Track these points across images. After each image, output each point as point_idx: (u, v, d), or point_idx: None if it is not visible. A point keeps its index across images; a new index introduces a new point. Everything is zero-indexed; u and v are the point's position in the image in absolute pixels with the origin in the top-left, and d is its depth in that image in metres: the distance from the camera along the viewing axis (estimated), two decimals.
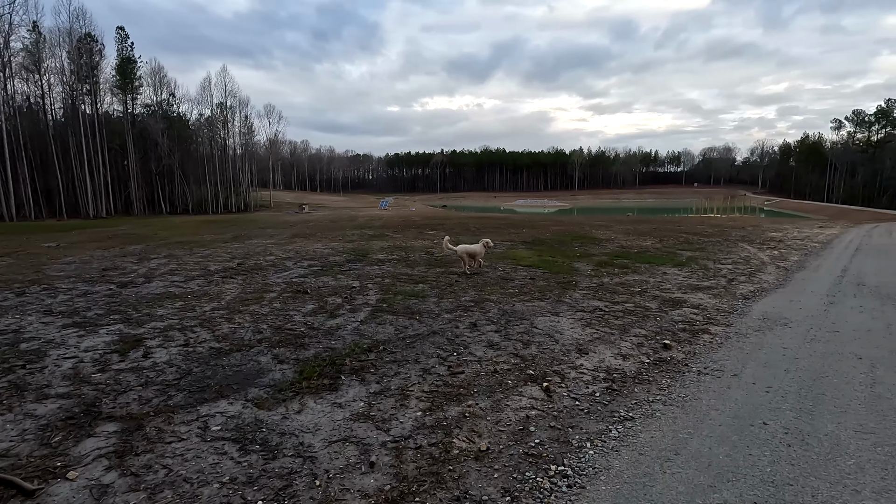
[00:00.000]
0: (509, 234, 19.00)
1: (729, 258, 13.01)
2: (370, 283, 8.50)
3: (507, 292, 7.83)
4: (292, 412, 3.40)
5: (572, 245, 15.47)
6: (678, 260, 12.35)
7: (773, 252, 14.94)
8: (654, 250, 14.53)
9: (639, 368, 4.41)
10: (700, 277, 9.88)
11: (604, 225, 25.46)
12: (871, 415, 3.36)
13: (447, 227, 22.85)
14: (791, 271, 10.86)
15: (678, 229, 23.49)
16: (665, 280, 9.50)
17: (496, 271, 10.07)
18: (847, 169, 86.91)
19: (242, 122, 77.38)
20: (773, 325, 5.83)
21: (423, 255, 12.52)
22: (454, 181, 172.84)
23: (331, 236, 18.94)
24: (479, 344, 5.04)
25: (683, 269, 11.02)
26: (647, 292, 8.14)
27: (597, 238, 17.82)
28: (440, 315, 6.21)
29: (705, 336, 5.47)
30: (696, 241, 17.68)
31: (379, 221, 29.87)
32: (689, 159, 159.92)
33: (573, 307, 6.84)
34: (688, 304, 7.27)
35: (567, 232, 20.21)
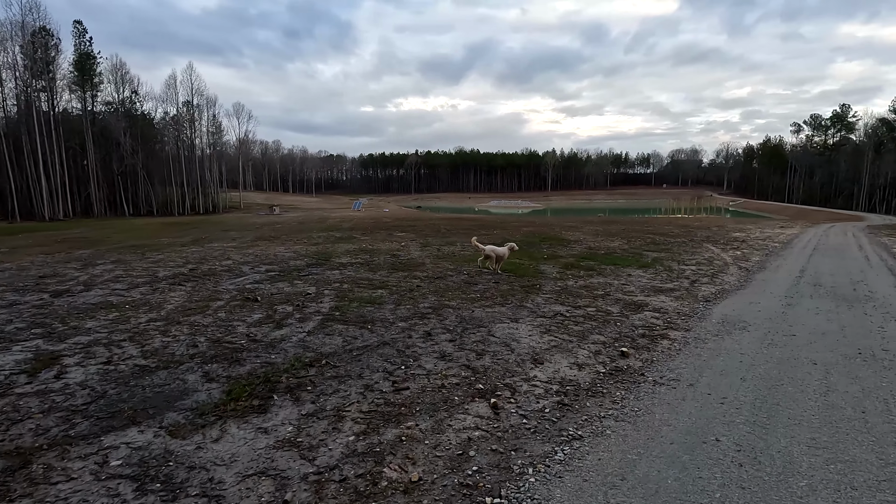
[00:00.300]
0: (480, 236, 18.81)
1: (693, 259, 13.13)
2: (327, 289, 8.13)
3: (469, 297, 7.59)
4: (209, 440, 3.05)
5: (541, 246, 15.38)
6: (643, 261, 12.38)
7: (736, 252, 15.19)
8: (620, 251, 14.57)
9: (594, 379, 4.22)
10: (664, 279, 9.87)
11: (574, 226, 25.61)
12: (825, 427, 3.24)
13: (418, 229, 22.54)
14: (752, 272, 10.98)
15: (646, 230, 23.79)
16: (629, 282, 9.44)
17: (460, 275, 9.83)
18: (806, 171, 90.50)
19: (210, 121, 75.06)
20: (732, 329, 5.76)
21: (388, 259, 12.19)
22: (429, 182, 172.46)
23: (296, 239, 18.36)
24: (431, 355, 4.77)
25: (648, 270, 11.02)
26: (610, 295, 8.03)
27: (566, 239, 17.83)
28: (394, 324, 5.91)
29: (664, 342, 5.35)
30: (663, 241, 17.88)
31: (349, 223, 29.32)
32: (658, 161, 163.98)
33: (534, 313, 6.64)
34: (649, 307, 7.18)
35: (537, 233, 20.18)
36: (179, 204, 64.41)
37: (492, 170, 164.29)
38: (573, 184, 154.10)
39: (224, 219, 43.89)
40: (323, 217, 42.90)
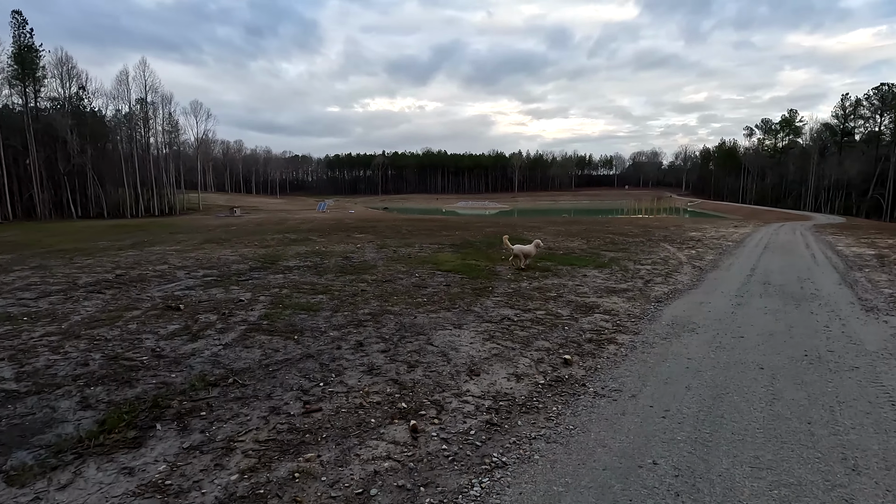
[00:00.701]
0: (441, 237, 18.43)
1: (649, 258, 13.13)
2: (263, 295, 7.53)
3: (415, 301, 7.16)
4: (54, 487, 2.49)
5: (500, 247, 15.12)
6: (600, 261, 12.27)
7: (691, 252, 15.36)
8: (579, 251, 14.47)
9: (531, 392, 3.86)
10: (618, 279, 9.72)
11: (536, 226, 25.59)
12: (769, 443, 2.97)
13: (378, 231, 21.96)
14: (705, 271, 11.00)
15: (606, 230, 23.98)
16: (584, 283, 9.23)
17: (411, 277, 9.39)
18: (758, 173, 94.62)
19: (166, 119, 71.81)
20: (681, 332, 5.54)
21: (340, 261, 11.61)
22: (396, 183, 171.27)
23: (248, 241, 17.48)
24: (357, 369, 4.30)
25: (604, 270, 10.88)
26: (563, 297, 7.77)
27: (526, 239, 17.65)
28: (326, 333, 5.41)
29: (611, 347, 5.06)
30: (621, 241, 17.96)
31: (309, 225, 28.41)
32: (620, 163, 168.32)
33: (480, 317, 6.27)
34: (601, 309, 6.94)
35: (499, 234, 19.91)
36: (133, 206, 61.25)
37: (459, 171, 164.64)
38: (539, 185, 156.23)
39: (178, 221, 41.89)
40: (284, 219, 41.60)
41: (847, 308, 6.81)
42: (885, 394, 3.68)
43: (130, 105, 63.35)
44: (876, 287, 8.90)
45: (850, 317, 6.24)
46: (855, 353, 4.67)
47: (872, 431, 3.07)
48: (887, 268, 11.89)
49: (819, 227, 31.72)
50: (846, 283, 9.25)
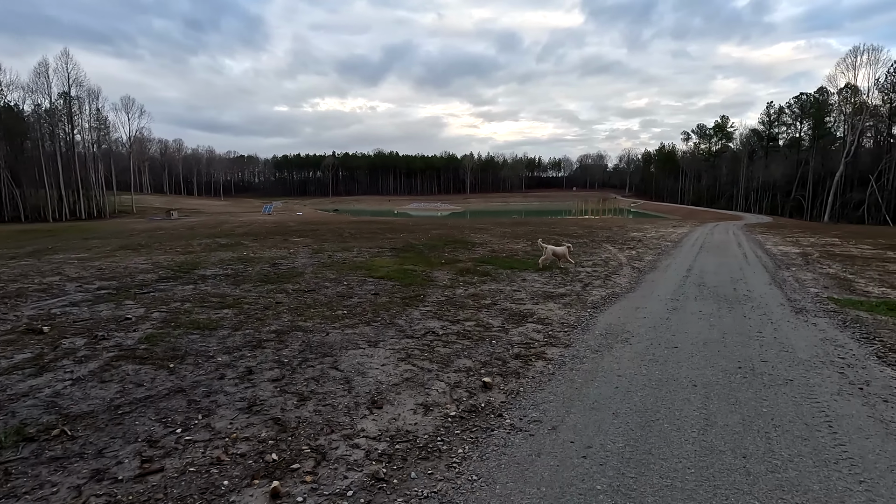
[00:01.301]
0: (383, 240, 17.66)
1: (590, 260, 13.00)
2: (158, 311, 6.54)
3: (334, 315, 6.43)
4: None
5: (443, 250, 14.58)
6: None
7: (632, 252, 15.47)
8: (522, 254, 14.17)
9: (438, 428, 3.26)
10: (557, 283, 9.40)
11: (484, 228, 25.32)
12: (702, 487, 2.52)
13: (319, 234, 20.88)
14: (644, 272, 10.93)
15: (553, 231, 24.06)
16: (522, 288, 8.82)
17: (339, 286, 8.63)
18: (694, 175, 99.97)
19: (93, 115, 66.44)
20: (614, 343, 5.15)
21: (265, 269, 10.64)
22: (347, 184, 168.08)
23: (170, 247, 16.00)
24: (234, 406, 3.55)
25: (545, 273, 10.55)
26: (497, 304, 7.28)
27: (471, 242, 17.23)
28: (213, 358, 4.59)
29: (538, 364, 4.57)
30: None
31: (246, 228, 26.79)
32: (568, 165, 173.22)
33: (402, 332, 5.64)
34: (534, 317, 6.49)
35: (444, 236, 19.45)
36: (56, 209, 56.17)
37: (411, 172, 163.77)
38: (491, 186, 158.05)
39: (101, 225, 38.61)
40: (223, 222, 39.29)
41: (778, 310, 6.73)
42: (821, 412, 3.37)
43: (52, 100, 58.08)
44: (803, 286, 9.04)
45: (781, 320, 6.11)
46: (788, 362, 4.42)
47: (812, 464, 2.70)
48: (811, 266, 12.33)
49: (749, 226, 33.49)
50: (776, 282, 9.37)
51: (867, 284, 9.38)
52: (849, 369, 4.25)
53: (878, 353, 4.73)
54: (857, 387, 3.81)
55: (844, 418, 3.26)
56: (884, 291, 8.64)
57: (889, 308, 6.99)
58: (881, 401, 3.60)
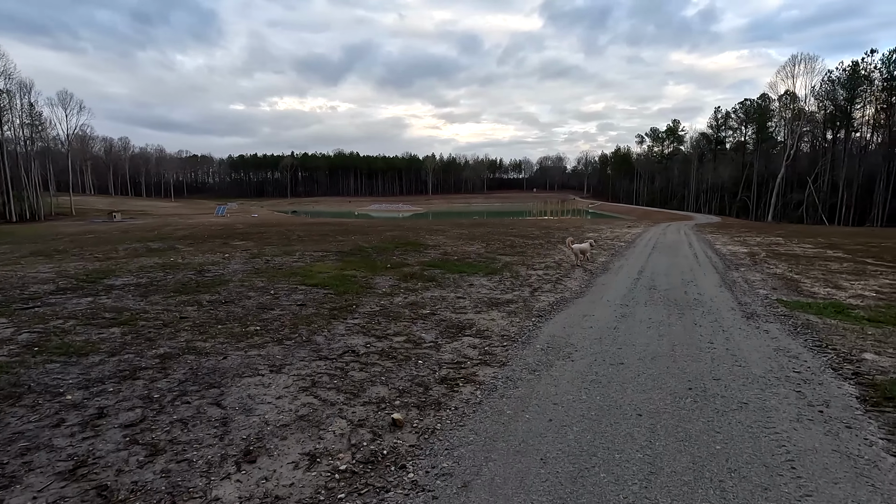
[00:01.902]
0: (332, 243, 16.70)
1: (543, 262, 12.58)
2: (29, 332, 5.49)
3: (244, 332, 5.57)
4: None
5: (392, 253, 13.82)
6: (493, 267, 11.43)
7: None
8: (475, 256, 13.61)
9: (318, 490, 2.54)
10: (506, 288, 8.85)
11: (441, 229, 24.71)
12: None
13: (265, 237, 19.63)
14: (595, 275, 10.56)
15: (510, 232, 23.73)
16: (468, 294, 8.21)
17: (264, 296, 7.74)
18: (648, 176, 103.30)
19: (26, 110, 61.53)
20: (555, 360, 4.58)
21: (188, 276, 9.57)
22: (307, 185, 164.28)
23: (89, 253, 14.47)
24: (52, 469, 2.70)
25: (494, 277, 10.00)
26: (436, 315, 6.61)
27: (424, 244, 16.55)
28: (61, 396, 3.68)
29: (466, 390, 3.92)
30: (521, 244, 17.54)
31: (187, 231, 25.07)
32: (528, 167, 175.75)
33: (317, 352, 4.87)
34: (474, 329, 5.86)
35: (398, 238, 18.68)
36: None
37: (372, 173, 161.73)
38: (453, 188, 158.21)
39: (27, 229, 35.49)
40: (166, 224, 36.99)
41: (729, 316, 6.38)
42: (781, 447, 2.88)
43: None
44: (752, 288, 8.86)
45: (732, 327, 5.74)
46: (742, 380, 3.97)
47: None
48: (759, 266, 12.37)
49: (700, 226, 34.46)
50: (725, 284, 9.16)
51: (813, 285, 9.32)
52: (806, 386, 3.82)
53: (832, 365, 4.36)
54: (817, 409, 3.37)
55: (808, 454, 2.77)
56: (829, 292, 8.56)
57: (836, 310, 6.79)
58: (844, 427, 3.15)
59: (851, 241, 20.99)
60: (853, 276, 10.49)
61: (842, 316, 6.40)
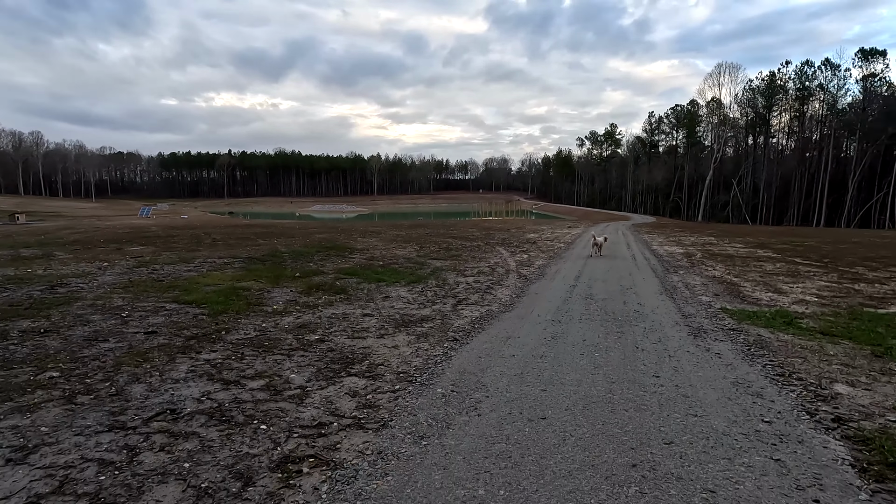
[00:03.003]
0: (246, 248, 14.77)
1: (477, 267, 11.47)
2: None
3: (27, 381, 3.93)
4: None
5: (311, 259, 12.21)
6: (419, 274, 10.17)
7: (524, 256, 14.32)
8: (403, 261, 12.29)
9: None
10: (426, 300, 7.60)
11: (377, 231, 23.20)
12: None
13: (172, 241, 17.26)
14: (530, 281, 9.55)
15: (449, 233, 22.62)
16: (378, 310, 6.87)
17: (111, 319, 6.01)
18: (588, 178, 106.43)
19: None
20: (455, 416, 3.34)
21: (34, 292, 7.58)
22: (246, 185, 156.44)
23: None
24: None
25: (417, 287, 8.73)
26: (326, 341, 5.23)
27: (352, 248, 15.02)
28: None
29: (309, 482, 2.58)
30: (458, 246, 16.43)
31: (86, 234, 21.95)
32: (474, 168, 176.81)
33: (116, 416, 3.35)
34: (365, 364, 4.54)
35: (326, 241, 16.99)
36: None
37: (315, 173, 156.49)
38: (399, 188, 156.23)
39: None
40: (71, 227, 32.83)
41: (673, 333, 5.46)
42: None
43: None
44: (694, 294, 8.15)
45: (679, 350, 4.78)
46: (702, 442, 2.89)
47: None
48: (697, 268, 11.93)
49: (636, 226, 35.05)
50: (666, 290, 8.40)
51: (753, 289, 8.77)
52: (784, 448, 2.82)
53: (805, 406, 3.43)
54: (811, 499, 2.33)
55: None
56: (771, 297, 7.98)
57: (785, 321, 6.07)
58: None
59: (777, 239, 21.62)
60: (789, 277, 10.13)
61: (793, 329, 5.66)
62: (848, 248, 17.96)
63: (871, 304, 7.52)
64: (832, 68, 54.95)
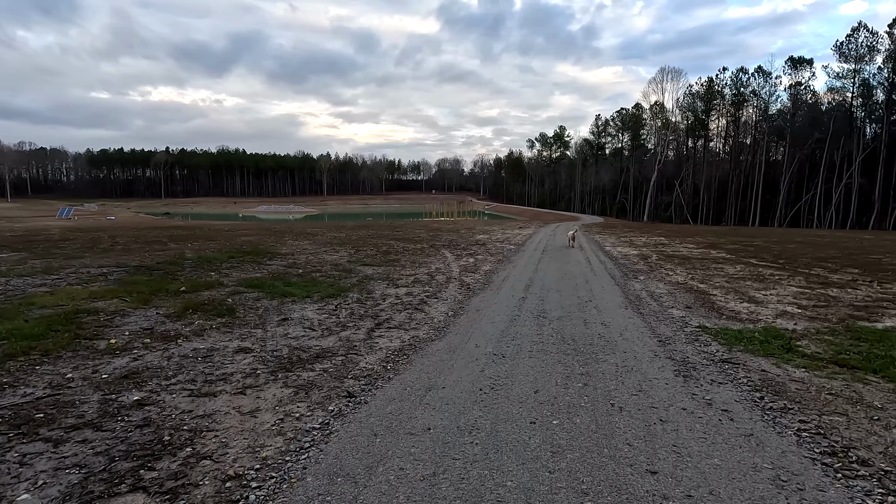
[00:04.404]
0: (145, 254, 12.33)
1: (414, 275, 9.82)
2: None
3: None
4: None
5: (217, 267, 10.12)
6: (342, 285, 8.38)
7: (470, 260, 12.84)
8: (330, 268, 10.45)
9: None
10: (336, 323, 5.87)
11: (315, 233, 21.06)
12: None
13: (70, 243, 14.43)
14: (473, 293, 8.01)
15: (394, 235, 20.85)
16: (263, 340, 5.08)
17: None
18: (539, 179, 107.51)
19: None
20: None
21: None
22: (187, 185, 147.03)
23: None
24: None
25: (332, 302, 6.97)
26: (147, 405, 3.42)
27: (275, 253, 12.95)
28: None
29: None
30: (399, 249, 14.72)
31: None
32: (427, 169, 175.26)
33: None
34: (182, 454, 2.77)
35: (248, 245, 14.77)
36: None
37: (261, 172, 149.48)
38: (350, 188, 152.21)
39: None
40: None
41: (656, 374, 4.02)
42: None
43: None
44: (663, 307, 6.87)
45: (672, 408, 3.32)
46: None
47: None
48: (656, 272, 10.86)
49: (587, 226, 34.65)
50: (630, 302, 7.09)
51: (726, 298, 7.64)
52: None
53: None
54: None
55: None
56: (750, 310, 6.84)
57: (782, 344, 4.84)
58: None
59: (725, 239, 21.39)
60: (757, 283, 9.17)
61: (798, 358, 4.40)
62: (795, 248, 17.78)
63: (859, 314, 6.51)
64: (764, 75, 57.67)
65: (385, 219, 57.06)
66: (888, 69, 46.90)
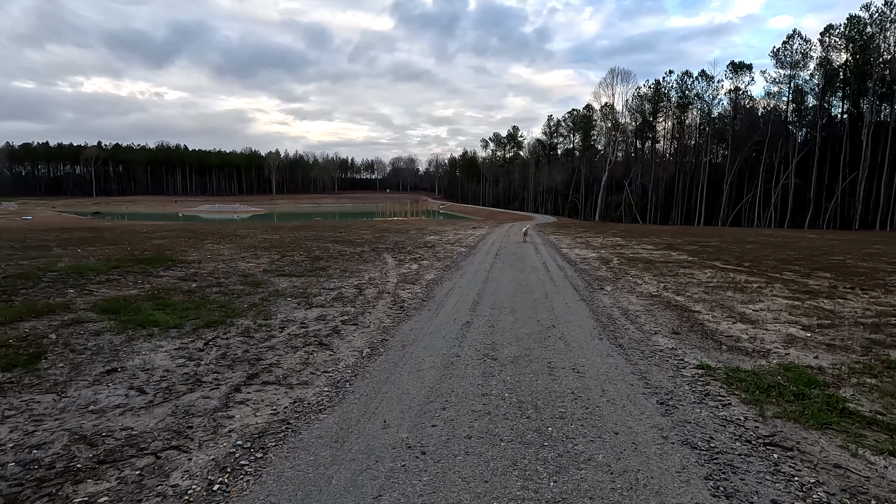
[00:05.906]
0: (9, 262, 9.71)
1: (338, 289, 7.93)
2: None
3: None
4: None
5: (86, 280, 7.82)
6: (237, 306, 6.39)
7: (412, 267, 11.07)
8: (237, 279, 8.41)
9: None
10: (188, 375, 3.95)
11: (245, 234, 18.59)
12: None
13: None
14: (407, 314, 6.25)
15: (335, 236, 18.72)
16: (33, 426, 3.09)
17: None
18: (493, 179, 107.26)
19: None
20: None
21: None
22: (122, 183, 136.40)
23: None
24: None
25: (205, 335, 5.01)
26: None
27: (179, 260, 10.64)
28: None
29: None
30: (334, 254, 12.73)
31: None
32: (381, 168, 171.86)
33: None
34: None
35: (153, 250, 12.28)
36: None
37: (205, 170, 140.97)
38: (301, 187, 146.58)
39: None
40: None
41: (675, 485, 2.44)
42: None
43: None
44: (645, 335, 5.37)
45: None
46: None
47: None
48: (622, 280, 9.52)
49: (541, 226, 33.73)
50: (604, 328, 5.55)
51: (714, 317, 6.28)
52: None
53: None
54: None
55: None
56: (750, 334, 5.47)
57: (830, 404, 3.38)
58: None
59: (681, 240, 20.78)
60: (738, 293, 7.96)
61: (865, 429, 2.94)
62: (752, 248, 17.23)
63: (878, 338, 5.28)
64: (707, 79, 59.43)
65: (337, 218, 54.22)
66: (819, 76, 49.23)
